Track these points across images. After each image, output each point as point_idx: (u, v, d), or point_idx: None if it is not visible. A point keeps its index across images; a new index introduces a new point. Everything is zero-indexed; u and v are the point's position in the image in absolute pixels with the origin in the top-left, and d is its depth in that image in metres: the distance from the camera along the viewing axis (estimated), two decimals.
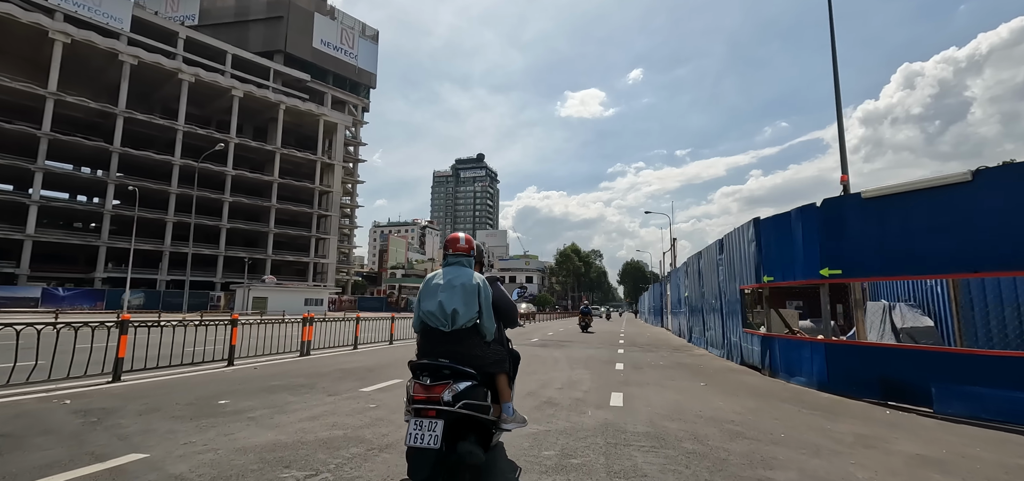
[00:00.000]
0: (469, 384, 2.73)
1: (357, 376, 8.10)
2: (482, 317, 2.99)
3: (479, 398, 2.75)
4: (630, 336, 20.55)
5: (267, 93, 62.68)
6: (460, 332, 2.90)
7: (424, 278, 3.35)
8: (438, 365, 2.75)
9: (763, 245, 8.86)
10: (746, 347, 10.08)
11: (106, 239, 52.32)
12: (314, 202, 67.01)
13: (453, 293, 2.92)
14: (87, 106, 51.42)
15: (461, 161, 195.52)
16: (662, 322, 29.56)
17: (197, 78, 57.46)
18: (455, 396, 2.64)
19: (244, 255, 61.47)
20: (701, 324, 14.83)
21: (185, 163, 56.41)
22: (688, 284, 17.03)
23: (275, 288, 45.58)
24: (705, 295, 14.06)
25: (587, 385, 7.42)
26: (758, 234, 9.05)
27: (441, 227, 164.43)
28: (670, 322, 24.18)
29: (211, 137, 59.19)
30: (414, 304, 3.70)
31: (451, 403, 2.61)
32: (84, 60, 53.07)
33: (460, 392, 2.66)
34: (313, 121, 67.54)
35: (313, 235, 66.42)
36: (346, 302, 60.15)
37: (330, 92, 72.37)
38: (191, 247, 56.53)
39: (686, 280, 17.38)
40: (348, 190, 77.13)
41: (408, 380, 2.87)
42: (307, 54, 69.85)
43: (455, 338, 2.90)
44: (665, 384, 7.67)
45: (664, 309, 28.51)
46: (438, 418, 2.58)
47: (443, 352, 2.88)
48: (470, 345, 2.93)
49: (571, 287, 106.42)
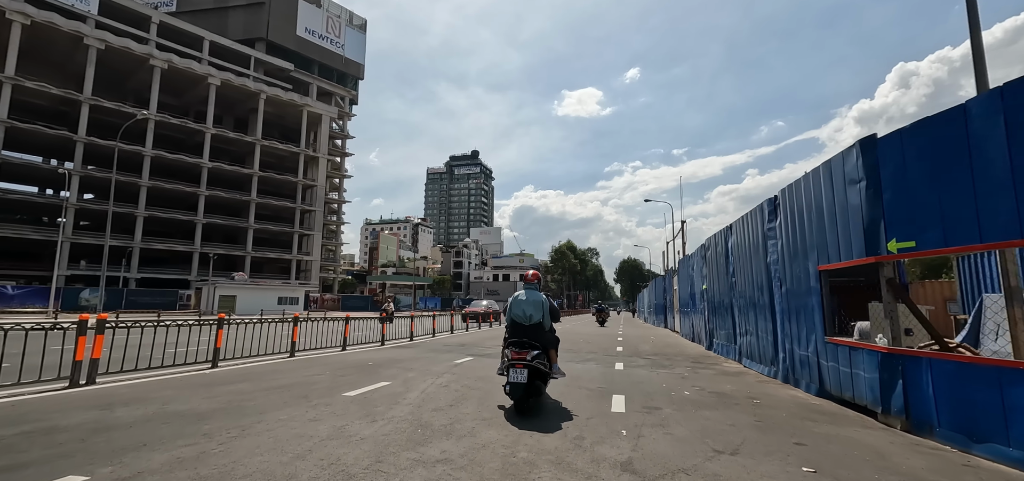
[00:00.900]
0: (537, 352, 5.19)
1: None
2: (544, 318, 5.50)
3: (542, 359, 5.21)
4: (630, 341, 16.29)
5: (246, 82, 58.33)
6: (533, 326, 5.41)
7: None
8: (523, 341, 5.28)
9: (890, 184, 4.67)
10: (833, 369, 5.86)
11: (70, 234, 47.91)
12: (297, 196, 62.68)
13: (529, 305, 5.46)
14: (49, 92, 47.06)
15: (455, 158, 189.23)
16: (666, 322, 25.31)
17: (170, 65, 53.12)
18: (532, 357, 5.09)
19: (222, 252, 57.15)
20: (729, 326, 10.62)
21: (157, 154, 52.14)
22: (707, 273, 12.80)
23: (246, 285, 41.24)
24: (737, 286, 9.84)
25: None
26: (876, 167, 4.84)
27: (434, 225, 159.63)
28: (678, 322, 19.95)
29: (185, 127, 54.87)
30: (507, 308, 5.69)
31: (530, 361, 5.06)
32: (46, 43, 48.73)
33: (534, 355, 5.12)
34: (296, 112, 63.23)
35: (296, 231, 62.10)
36: (329, 301, 55.83)
37: (315, 83, 68.02)
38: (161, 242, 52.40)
39: (704, 268, 13.14)
40: (335, 185, 72.80)
41: (505, 348, 5.42)
42: (291, 42, 65.52)
43: (531, 329, 5.39)
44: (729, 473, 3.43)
45: (668, 307, 24.27)
46: (524, 368, 5.01)
47: (524, 334, 5.36)
48: (537, 332, 5.40)
49: (567, 285, 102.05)
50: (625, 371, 8.50)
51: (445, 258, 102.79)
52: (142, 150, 51.38)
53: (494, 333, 18.51)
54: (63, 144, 49.15)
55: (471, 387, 6.67)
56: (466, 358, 10.02)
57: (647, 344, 14.69)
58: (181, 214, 54.62)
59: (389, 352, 11.01)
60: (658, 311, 28.90)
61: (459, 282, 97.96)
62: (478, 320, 24.32)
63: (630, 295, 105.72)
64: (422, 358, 9.92)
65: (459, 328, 20.35)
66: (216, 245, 57.34)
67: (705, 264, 13.09)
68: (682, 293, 18.11)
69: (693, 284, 15.34)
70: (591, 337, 16.82)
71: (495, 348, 11.95)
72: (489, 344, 13.31)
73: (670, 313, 23.26)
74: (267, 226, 60.28)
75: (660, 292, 28.44)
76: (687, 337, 16.71)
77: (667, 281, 24.84)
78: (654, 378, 7.77)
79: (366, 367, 8.40)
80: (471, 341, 14.35)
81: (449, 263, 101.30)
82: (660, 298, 28.31)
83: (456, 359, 9.81)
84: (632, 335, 19.37)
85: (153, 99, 52.32)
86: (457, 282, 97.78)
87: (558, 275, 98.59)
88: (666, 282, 24.98)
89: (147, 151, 51.60)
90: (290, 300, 43.44)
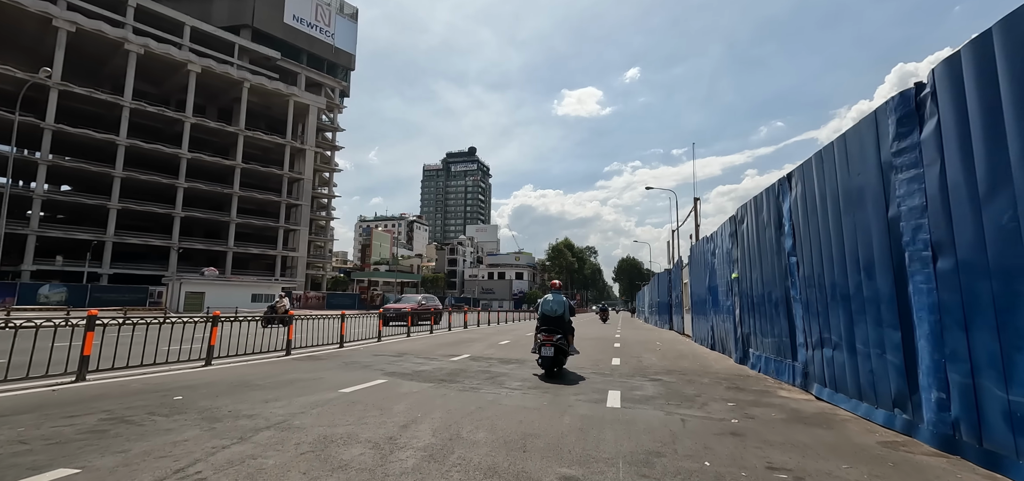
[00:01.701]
0: (561, 336, 7.20)
1: None
2: (565, 314, 7.53)
3: (564, 342, 7.22)
4: (630, 347, 12.50)
5: (229, 69, 54.67)
6: (557, 318, 7.40)
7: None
8: (551, 328, 7.28)
9: None
10: None
11: (36, 227, 44.33)
12: (283, 190, 59.02)
13: (556, 304, 7.54)
14: (13, 76, 43.42)
15: (452, 155, 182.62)
16: (672, 323, 21.53)
17: (147, 50, 49.49)
18: (556, 339, 7.09)
19: (202, 247, 53.53)
20: (781, 331, 6.86)
21: (132, 144, 48.53)
22: (739, 257, 9.02)
23: (215, 282, 37.54)
24: (804, 267, 6.07)
25: None
26: None
27: (431, 222, 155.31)
28: (688, 323, 16.16)
29: (163, 116, 51.27)
30: (539, 305, 7.85)
31: (556, 342, 7.06)
32: (12, 25, 45.22)
33: (558, 338, 7.13)
34: (282, 102, 59.58)
35: (281, 226, 58.44)
36: (314, 299, 52.11)
37: (304, 73, 64.38)
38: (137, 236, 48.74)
39: (734, 250, 9.35)
40: (325, 179, 69.13)
41: (537, 333, 7.36)
42: (278, 30, 61.86)
43: (555, 320, 7.39)
44: None
45: (675, 305, 20.50)
46: (552, 346, 7.02)
47: (551, 324, 7.35)
48: (560, 323, 7.39)
49: (564, 284, 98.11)
50: (624, 417, 4.72)
51: (440, 255, 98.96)
52: (116, 139, 47.76)
53: (438, 342, 12.78)
54: (30, 132, 45.49)
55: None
56: (358, 387, 6.25)
57: (653, 353, 10.87)
58: (158, 207, 51.02)
59: (224, 371, 7.27)
60: (661, 310, 25.09)
61: (453, 280, 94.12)
62: (406, 323, 16.09)
63: (628, 294, 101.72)
64: (245, 395, 6.13)
65: (396, 334, 14.71)
66: (197, 240, 53.73)
67: (735, 244, 9.28)
68: (695, 288, 14.29)
69: (712, 275, 11.54)
70: (582, 339, 13.04)
71: (448, 367, 8.22)
72: (433, 364, 9.51)
73: (677, 313, 19.44)
74: (251, 221, 56.66)
75: (663, 289, 24.64)
76: (703, 343, 12.90)
77: (673, 275, 21.04)
78: (681, 438, 3.99)
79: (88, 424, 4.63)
80: (398, 352, 10.07)
81: (444, 260, 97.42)
82: (663, 295, 24.52)
83: (323, 396, 6.04)
84: (632, 339, 15.53)
85: (128, 86, 48.69)
86: (451, 281, 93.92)
87: (555, 274, 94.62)
88: (673, 276, 21.13)
89: (121, 140, 47.98)
90: (266, 297, 39.71)
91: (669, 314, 22.35)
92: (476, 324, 22.92)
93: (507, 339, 14.28)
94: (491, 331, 18.60)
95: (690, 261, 15.61)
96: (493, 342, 13.16)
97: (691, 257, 15.56)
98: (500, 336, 15.55)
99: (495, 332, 17.87)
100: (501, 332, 17.87)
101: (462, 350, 10.74)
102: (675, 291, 19.53)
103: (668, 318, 22.48)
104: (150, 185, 50.66)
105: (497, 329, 20.14)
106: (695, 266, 14.26)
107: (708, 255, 12.01)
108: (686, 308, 16.62)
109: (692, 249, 15.79)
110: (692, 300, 14.92)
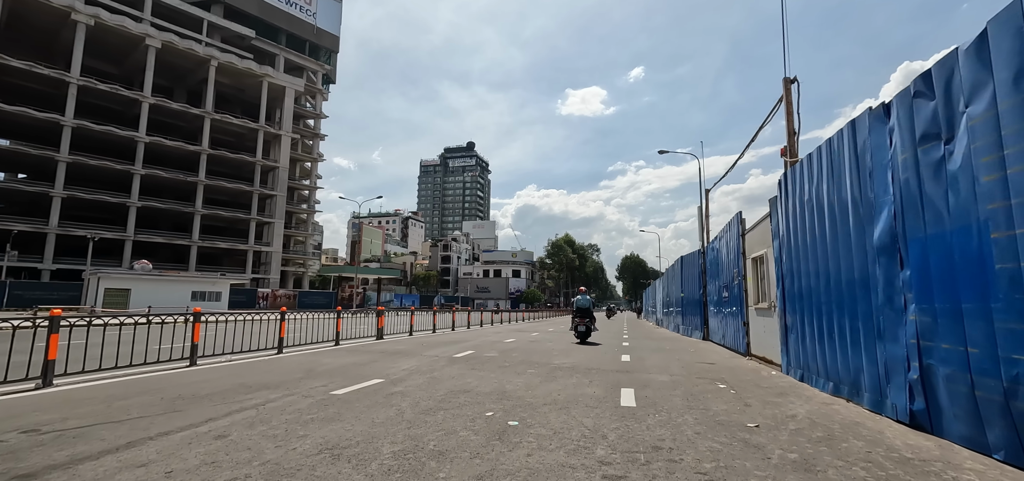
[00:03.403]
0: (590, 319, 12.71)
1: None
2: (590, 307, 13.01)
3: (592, 323, 12.79)
4: (645, 376, 5.39)
5: (193, 46, 48.13)
6: (587, 309, 12.83)
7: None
8: (583, 314, 12.72)
9: None
10: None
11: None
12: (255, 179, 52.38)
13: (585, 301, 13.02)
14: None
15: (450, 150, 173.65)
16: (708, 330, 14.33)
17: (97, 20, 43.06)
18: (586, 321, 12.62)
19: (163, 240, 46.96)
20: None
21: (80, 124, 42.06)
22: None
23: (145, 276, 30.77)
24: None
25: None
26: None
27: (428, 219, 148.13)
28: (762, 331, 9.02)
29: (117, 95, 44.73)
30: (574, 302, 12.85)
31: (585, 323, 12.60)
32: None
33: (588, 319, 12.65)
34: (255, 84, 53.01)
35: (253, 217, 51.79)
36: (282, 297, 45.38)
37: (283, 54, 57.80)
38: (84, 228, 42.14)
39: None
40: (306, 170, 62.46)
41: (573, 317, 12.83)
42: (253, 7, 55.31)
43: (585, 310, 12.77)
44: None
45: (722, 303, 13.33)
46: (583, 325, 12.56)
47: (583, 312, 12.72)
48: (588, 312, 12.78)
49: (565, 282, 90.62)
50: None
51: (433, 253, 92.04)
52: (61, 119, 41.29)
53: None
54: None
55: None
56: None
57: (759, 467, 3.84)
58: (111, 196, 44.51)
59: None
60: (689, 310, 17.78)
61: (447, 278, 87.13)
62: None
63: (632, 294, 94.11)
64: None
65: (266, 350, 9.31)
66: (158, 234, 47.18)
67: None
68: (793, 264, 7.08)
69: (792, 258, 4.38)
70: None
71: None
72: None
73: (724, 315, 12.16)
74: (219, 211, 50.04)
75: (691, 281, 17.40)
76: (827, 388, 5.76)
77: (712, 257, 13.82)
78: None
79: None
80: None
81: (437, 257, 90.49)
82: (691, 291, 17.32)
83: None
84: (650, 359, 8.39)
85: (76, 61, 42.18)
86: (445, 278, 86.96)
87: (555, 272, 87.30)
88: (715, 258, 13.77)
89: (67, 120, 41.47)
90: (211, 295, 32.94)
91: (700, 316, 15.19)
92: (455, 327, 15.82)
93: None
94: (454, 340, 11.45)
95: (723, 238, 8.30)
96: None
97: (726, 233, 8.25)
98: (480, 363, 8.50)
99: (471, 344, 10.73)
100: (489, 341, 10.73)
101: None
102: (720, 282, 12.28)
103: (699, 322, 15.29)
104: (102, 171, 44.14)
105: (504, 330, 13.02)
106: (788, 220, 6.99)
107: (817, 188, 4.82)
108: (749, 306, 9.45)
109: (781, 185, 7.73)
110: (788, 294, 7.48)
